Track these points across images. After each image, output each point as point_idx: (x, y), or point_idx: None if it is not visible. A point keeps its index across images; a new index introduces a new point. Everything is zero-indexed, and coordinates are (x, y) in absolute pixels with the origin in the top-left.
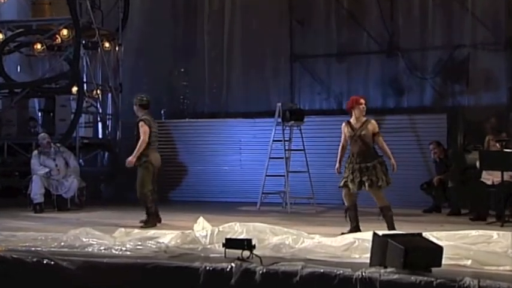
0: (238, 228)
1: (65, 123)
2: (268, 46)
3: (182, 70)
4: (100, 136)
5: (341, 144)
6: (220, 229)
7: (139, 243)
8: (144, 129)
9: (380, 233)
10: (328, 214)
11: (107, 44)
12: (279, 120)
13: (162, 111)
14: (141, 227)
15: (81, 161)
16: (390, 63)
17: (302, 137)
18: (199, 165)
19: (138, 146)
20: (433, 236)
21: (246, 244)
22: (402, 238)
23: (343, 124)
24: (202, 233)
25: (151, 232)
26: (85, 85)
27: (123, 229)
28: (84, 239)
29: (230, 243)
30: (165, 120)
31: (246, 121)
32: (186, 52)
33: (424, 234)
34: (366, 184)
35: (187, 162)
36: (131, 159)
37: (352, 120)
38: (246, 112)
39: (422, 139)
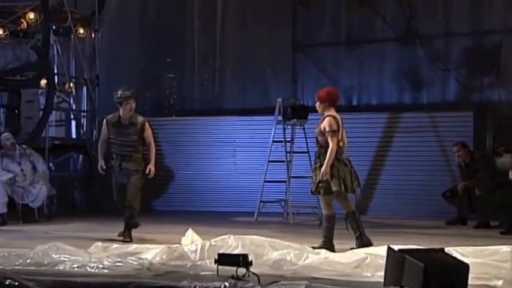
0: (232, 242)
1: (32, 121)
2: (267, 33)
3: (168, 60)
4: (73, 136)
5: None
6: (212, 243)
7: (119, 259)
8: (150, 132)
9: (396, 247)
10: (336, 226)
11: (81, 30)
12: (280, 118)
13: (146, 108)
14: (123, 241)
15: (51, 164)
16: (408, 53)
17: (306, 138)
18: (188, 170)
19: (153, 152)
20: (457, 251)
21: (242, 260)
22: (422, 254)
23: None
24: (192, 248)
25: (132, 247)
26: (56, 77)
27: (99, 243)
28: (54, 256)
29: (223, 259)
30: (148, 118)
31: (242, 119)
32: (173, 39)
33: (447, 249)
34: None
35: (174, 167)
36: (153, 168)
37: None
38: (242, 109)
39: (445, 140)
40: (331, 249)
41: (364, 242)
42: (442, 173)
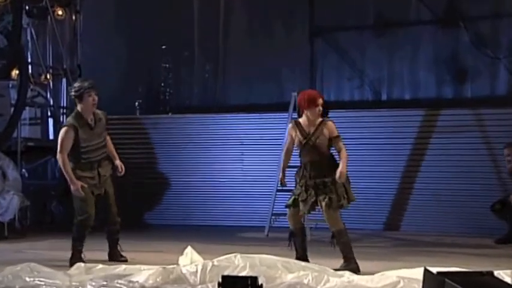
0: (239, 262)
1: (1, 119)
2: (280, 15)
3: (163, 47)
4: (51, 137)
5: (285, 148)
6: (215, 263)
7: (105, 282)
8: None
9: (434, 269)
10: (362, 243)
11: (59, 11)
12: (295, 115)
13: (137, 104)
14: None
15: (23, 171)
16: (448, 37)
17: None
18: (186, 177)
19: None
20: (509, 275)
21: (250, 283)
22: (465, 278)
23: (290, 125)
24: (191, 269)
25: (121, 267)
26: (30, 67)
27: (81, 264)
28: (27, 279)
29: (228, 282)
30: (140, 116)
31: (250, 117)
32: (169, 22)
33: (496, 273)
34: (323, 204)
35: (169, 173)
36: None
37: (303, 121)
38: (250, 104)
39: (493, 142)
40: (356, 270)
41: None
42: (490, 181)
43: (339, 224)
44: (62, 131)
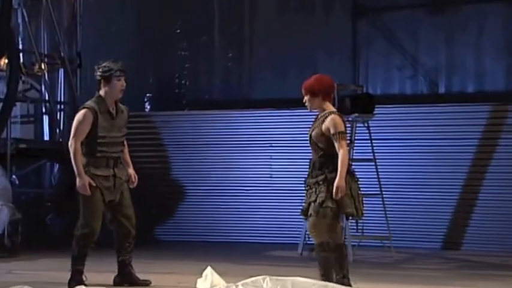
0: (268, 285)
1: None
2: None
3: (178, 32)
4: (46, 138)
5: None
6: (240, 287)
7: None
8: None
9: None
10: (416, 264)
11: None
12: None
13: (146, 98)
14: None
15: (14, 177)
16: None
17: (371, 139)
18: (205, 185)
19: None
20: None
21: None
22: None
23: None
24: None
25: None
26: (21, 55)
27: (82, 287)
28: None
29: None
30: (150, 112)
31: (280, 113)
32: (184, 3)
33: None
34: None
35: (185, 180)
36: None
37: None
38: (280, 99)
39: None
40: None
41: None
42: None
43: (335, 236)
44: (80, 113)
